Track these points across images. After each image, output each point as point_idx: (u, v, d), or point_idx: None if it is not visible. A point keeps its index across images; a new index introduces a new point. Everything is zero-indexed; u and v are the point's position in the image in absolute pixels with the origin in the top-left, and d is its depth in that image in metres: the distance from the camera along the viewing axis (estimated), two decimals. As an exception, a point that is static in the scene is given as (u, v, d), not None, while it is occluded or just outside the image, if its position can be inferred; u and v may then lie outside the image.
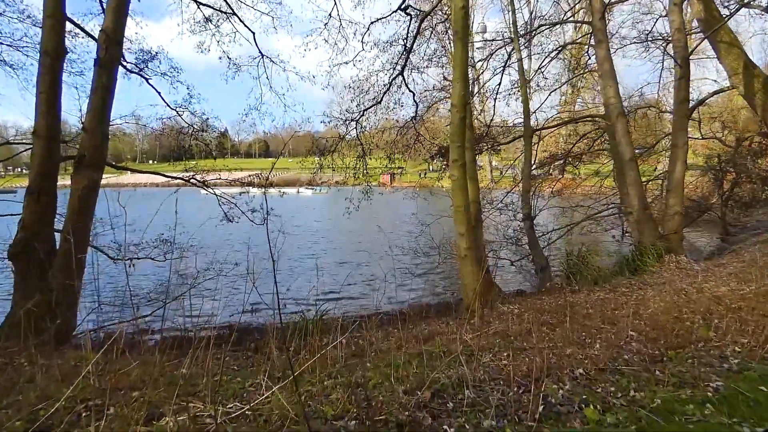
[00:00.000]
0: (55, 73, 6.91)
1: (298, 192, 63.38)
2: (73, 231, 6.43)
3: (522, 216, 10.48)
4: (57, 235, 6.88)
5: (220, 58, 13.25)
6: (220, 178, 10.80)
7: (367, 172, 12.88)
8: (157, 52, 11.79)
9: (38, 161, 6.62)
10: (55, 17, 7.00)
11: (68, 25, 9.38)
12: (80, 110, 9.53)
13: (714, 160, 16.82)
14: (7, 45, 11.25)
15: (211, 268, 9.50)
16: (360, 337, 6.19)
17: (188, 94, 11.62)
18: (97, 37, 7.28)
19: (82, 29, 8.67)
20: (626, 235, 14.97)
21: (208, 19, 12.60)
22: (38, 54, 7.18)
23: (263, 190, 11.84)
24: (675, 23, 11.30)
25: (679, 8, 11.28)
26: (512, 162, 18.17)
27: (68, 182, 6.89)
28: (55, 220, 7.02)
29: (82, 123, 6.73)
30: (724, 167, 16.07)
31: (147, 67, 11.65)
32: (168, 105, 11.15)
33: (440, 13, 10.89)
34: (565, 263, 9.47)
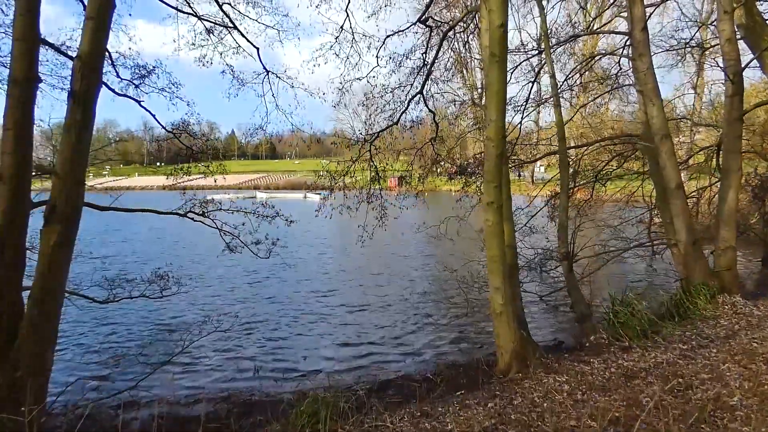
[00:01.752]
0: (25, 106, 5.93)
1: (305, 197, 62.45)
2: (42, 295, 5.47)
3: (558, 255, 9.41)
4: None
5: (223, 71, 12.13)
6: (221, 209, 9.73)
7: (381, 195, 11.83)
8: (154, 67, 10.83)
9: (3, 210, 5.64)
10: (27, 39, 6.02)
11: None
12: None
13: (753, 175, 15.68)
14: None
15: (208, 320, 8.50)
16: (383, 426, 5.14)
17: (187, 114, 10.62)
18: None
19: (62, 52, 7.68)
20: (656, 255, 13.93)
21: (209, 31, 11.60)
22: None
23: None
24: (725, 33, 10.14)
25: (730, 17, 10.12)
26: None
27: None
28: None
29: (53, 165, 5.74)
30: (767, 185, 14.89)
31: (143, 82, 10.72)
32: (164, 128, 10.18)
33: (461, 27, 9.81)
34: (609, 311, 8.34)
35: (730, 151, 9.96)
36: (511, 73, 12.62)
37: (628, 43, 11.02)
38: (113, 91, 8.54)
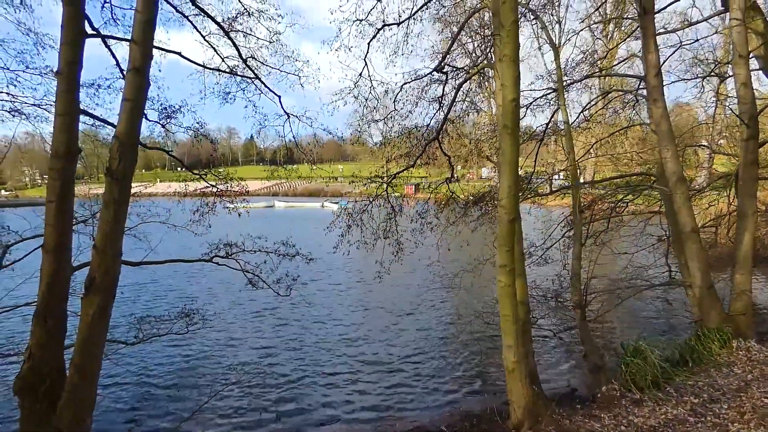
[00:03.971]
0: (66, 179, 6.36)
1: (323, 206, 63.15)
2: (82, 361, 5.87)
3: (571, 303, 9.57)
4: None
5: (245, 106, 12.56)
6: (244, 250, 10.14)
7: (397, 230, 12.11)
8: (180, 106, 11.34)
9: (47, 280, 6.07)
10: (68, 114, 6.44)
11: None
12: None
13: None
14: (31, 105, 10.93)
15: (233, 369, 8.90)
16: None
17: (211, 155, 11.06)
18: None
19: (102, 120, 8.14)
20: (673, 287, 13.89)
21: (233, 72, 12.04)
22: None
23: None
24: (741, 77, 10.17)
25: (745, 61, 10.16)
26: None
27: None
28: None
29: (93, 241, 6.15)
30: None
31: (169, 122, 11.22)
32: (190, 170, 10.63)
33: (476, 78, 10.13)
34: (621, 360, 8.48)
35: (746, 195, 10.00)
36: (527, 108, 12.88)
37: (642, 85, 11.11)
38: (144, 146, 8.97)
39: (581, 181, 24.66)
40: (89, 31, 7.10)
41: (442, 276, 16.11)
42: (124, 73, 9.07)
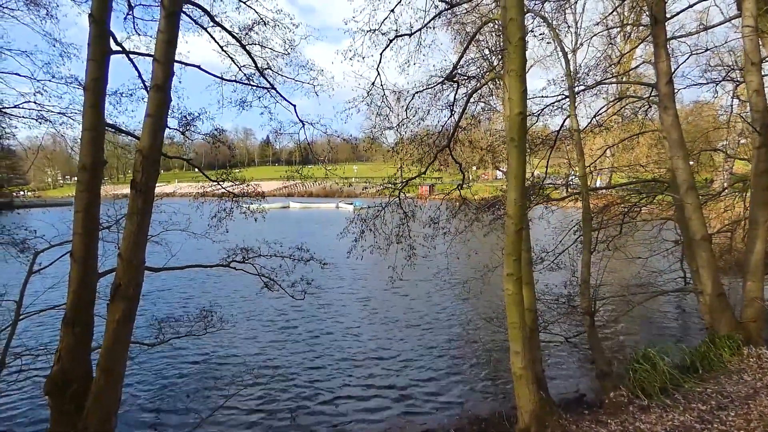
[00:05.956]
0: (93, 190, 6.70)
1: (337, 207, 63.57)
2: (108, 365, 6.20)
3: (580, 310, 9.67)
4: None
5: (261, 113, 12.88)
6: (260, 254, 10.44)
7: (410, 235, 12.30)
8: (199, 114, 11.69)
9: (74, 287, 6.42)
10: (95, 128, 6.77)
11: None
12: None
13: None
14: (57, 113, 11.38)
15: (247, 374, 9.22)
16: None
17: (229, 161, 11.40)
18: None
19: (126, 132, 8.51)
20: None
21: (249, 78, 12.35)
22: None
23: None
24: (753, 84, 10.16)
25: (757, 68, 10.14)
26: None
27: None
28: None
29: (119, 249, 6.47)
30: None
31: (188, 129, 11.57)
32: (208, 177, 10.98)
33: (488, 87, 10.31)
34: (630, 367, 8.56)
35: (758, 203, 9.97)
36: (538, 115, 12.97)
37: (654, 92, 11.13)
38: (165, 155, 9.30)
39: (597, 184, 24.63)
40: (114, 47, 7.43)
41: (452, 283, 16.32)
42: (146, 83, 9.52)
